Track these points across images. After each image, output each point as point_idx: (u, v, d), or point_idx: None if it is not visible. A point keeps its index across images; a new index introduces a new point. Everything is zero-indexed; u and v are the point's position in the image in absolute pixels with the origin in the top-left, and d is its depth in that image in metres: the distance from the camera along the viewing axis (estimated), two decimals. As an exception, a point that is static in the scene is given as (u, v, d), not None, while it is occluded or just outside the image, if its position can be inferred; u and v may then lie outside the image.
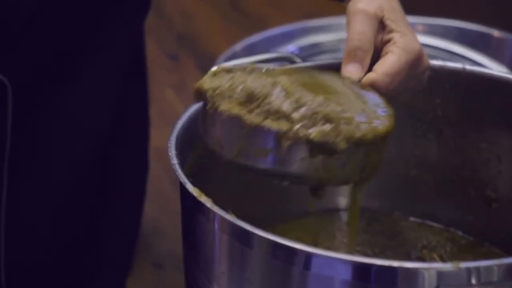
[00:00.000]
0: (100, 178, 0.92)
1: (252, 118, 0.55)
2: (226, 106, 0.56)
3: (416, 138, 0.76)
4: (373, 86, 0.64)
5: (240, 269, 0.56)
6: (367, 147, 0.56)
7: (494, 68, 0.99)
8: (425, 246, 0.76)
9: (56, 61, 0.82)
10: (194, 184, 0.59)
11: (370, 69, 0.66)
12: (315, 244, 0.75)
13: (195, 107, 0.68)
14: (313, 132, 0.54)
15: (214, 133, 0.58)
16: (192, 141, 0.67)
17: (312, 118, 0.55)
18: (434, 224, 0.78)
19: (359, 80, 0.64)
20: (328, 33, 1.15)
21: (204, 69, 0.71)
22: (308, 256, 0.53)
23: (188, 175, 0.60)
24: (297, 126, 0.54)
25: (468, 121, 0.74)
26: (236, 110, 0.55)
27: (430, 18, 1.14)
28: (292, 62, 0.78)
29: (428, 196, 0.78)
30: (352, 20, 0.66)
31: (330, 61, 0.72)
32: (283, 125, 0.55)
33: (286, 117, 0.55)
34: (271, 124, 0.54)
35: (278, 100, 0.55)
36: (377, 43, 0.67)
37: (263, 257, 0.55)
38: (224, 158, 0.58)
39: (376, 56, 0.67)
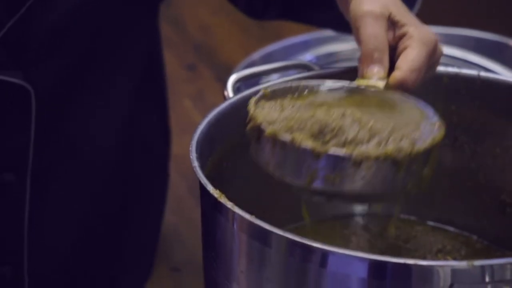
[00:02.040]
0: (121, 186, 0.93)
1: (328, 148, 0.57)
2: (298, 138, 0.57)
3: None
4: (402, 85, 0.65)
5: (259, 268, 0.58)
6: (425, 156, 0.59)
7: (509, 76, 1.00)
8: (440, 250, 0.77)
9: (76, 69, 0.84)
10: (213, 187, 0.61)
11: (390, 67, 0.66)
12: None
13: (214, 112, 0.69)
14: (391, 149, 0.57)
15: (281, 163, 0.59)
16: (211, 146, 0.68)
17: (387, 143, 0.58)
18: (449, 228, 0.79)
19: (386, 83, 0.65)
20: (344, 43, 1.16)
21: (221, 79, 0.73)
22: (325, 254, 0.54)
23: (207, 178, 0.62)
24: (376, 147, 0.57)
25: (483, 127, 0.75)
26: (309, 142, 0.57)
27: (447, 28, 1.15)
28: (310, 69, 0.79)
29: (443, 201, 0.79)
30: (361, 24, 0.66)
31: (346, 67, 0.73)
32: (362, 151, 0.57)
33: (363, 144, 0.57)
34: (351, 150, 0.57)
35: (353, 131, 0.58)
36: (389, 40, 0.67)
37: (281, 255, 0.56)
38: (294, 185, 0.59)
39: (392, 52, 0.67)
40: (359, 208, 0.80)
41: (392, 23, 0.68)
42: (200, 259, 0.66)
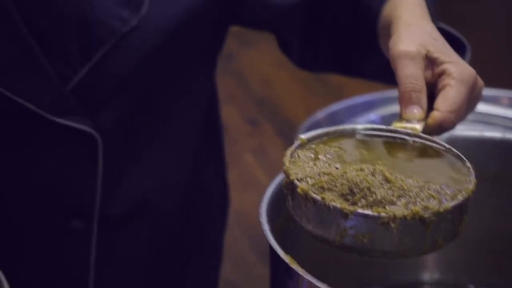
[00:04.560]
0: (183, 236, 0.94)
1: (357, 208, 0.58)
2: (328, 198, 0.58)
3: (503, 212, 0.76)
4: (441, 126, 0.64)
5: (327, 336, 0.57)
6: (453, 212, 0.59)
7: None
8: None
9: (140, 116, 0.85)
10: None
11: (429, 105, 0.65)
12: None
13: (282, 175, 0.69)
14: (418, 208, 0.57)
15: (313, 219, 0.60)
16: (279, 208, 0.68)
17: (415, 202, 0.58)
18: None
19: (424, 124, 0.64)
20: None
21: (282, 135, 0.73)
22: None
23: (275, 241, 0.62)
24: (404, 207, 0.58)
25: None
26: (339, 202, 0.58)
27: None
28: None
29: (493, 266, 0.77)
30: (398, 65, 0.66)
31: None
32: (389, 211, 0.57)
33: (393, 204, 0.58)
34: (379, 211, 0.57)
35: (382, 190, 0.58)
36: (428, 78, 0.66)
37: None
38: (325, 241, 0.59)
39: (430, 90, 0.66)
40: (427, 276, 0.79)
41: (430, 61, 0.67)
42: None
